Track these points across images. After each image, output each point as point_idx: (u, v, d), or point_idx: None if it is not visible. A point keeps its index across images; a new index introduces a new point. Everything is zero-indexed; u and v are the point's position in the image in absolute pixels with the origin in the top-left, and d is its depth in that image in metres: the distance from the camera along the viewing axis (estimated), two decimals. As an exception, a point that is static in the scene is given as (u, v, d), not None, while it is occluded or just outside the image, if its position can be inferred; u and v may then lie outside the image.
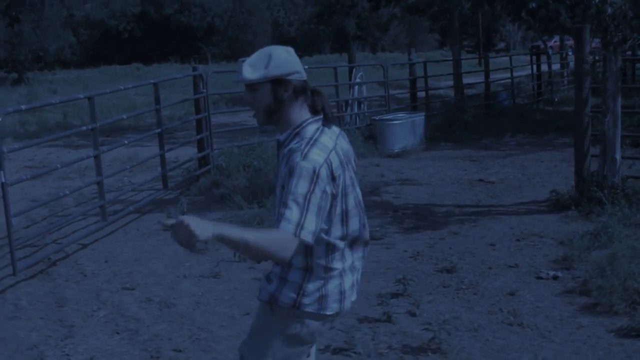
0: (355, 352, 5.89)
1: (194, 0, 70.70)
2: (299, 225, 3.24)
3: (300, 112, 3.53)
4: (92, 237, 9.89)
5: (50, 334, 6.73)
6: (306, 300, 3.49)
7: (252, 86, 3.46)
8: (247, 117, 21.40)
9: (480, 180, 12.98)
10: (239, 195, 11.12)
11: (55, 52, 55.19)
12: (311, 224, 3.27)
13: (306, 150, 3.35)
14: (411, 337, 6.18)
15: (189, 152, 14.91)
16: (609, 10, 9.21)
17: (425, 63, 21.14)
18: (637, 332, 6.09)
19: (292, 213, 3.23)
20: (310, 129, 3.49)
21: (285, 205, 3.25)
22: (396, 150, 15.89)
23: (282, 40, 61.70)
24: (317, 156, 3.34)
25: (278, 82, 3.43)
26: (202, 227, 3.03)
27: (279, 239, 3.22)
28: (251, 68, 3.43)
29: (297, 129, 3.50)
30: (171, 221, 3.08)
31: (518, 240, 9.08)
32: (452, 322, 6.17)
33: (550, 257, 8.33)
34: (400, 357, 5.82)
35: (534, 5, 17.02)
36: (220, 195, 11.77)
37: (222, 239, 3.13)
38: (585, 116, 10.49)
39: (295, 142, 3.45)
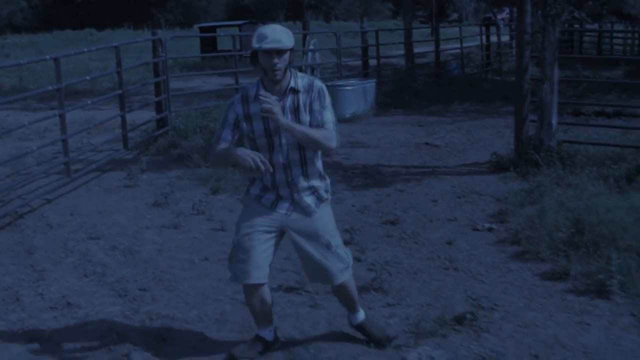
0: (305, 291, 6.50)
1: (149, -34, 70.34)
2: (335, 125, 4.85)
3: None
4: (56, 193, 10.38)
5: (23, 277, 7.23)
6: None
7: (282, 52, 4.66)
8: (201, 82, 21.88)
9: (427, 143, 13.63)
10: (197, 155, 11.65)
11: (7, 17, 54.72)
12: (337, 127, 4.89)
13: (315, 79, 4.92)
14: (356, 279, 6.72)
15: (146, 115, 15.37)
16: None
17: (377, 32, 21.69)
18: (559, 275, 6.77)
19: (331, 119, 4.83)
20: (299, 73, 4.91)
21: (323, 115, 4.79)
22: (347, 115, 16.46)
23: (236, 7, 61.63)
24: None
25: (292, 50, 4.75)
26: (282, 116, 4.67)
27: (328, 134, 4.77)
28: (287, 38, 4.68)
29: (294, 76, 4.85)
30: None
31: (459, 197, 9.74)
32: (394, 265, 6.80)
33: (487, 212, 9.01)
34: (346, 295, 6.43)
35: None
36: (178, 155, 12.31)
37: (291, 129, 4.67)
38: (525, 83, 11.15)
39: (302, 79, 4.86)
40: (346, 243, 7.54)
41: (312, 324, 5.86)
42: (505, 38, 31.83)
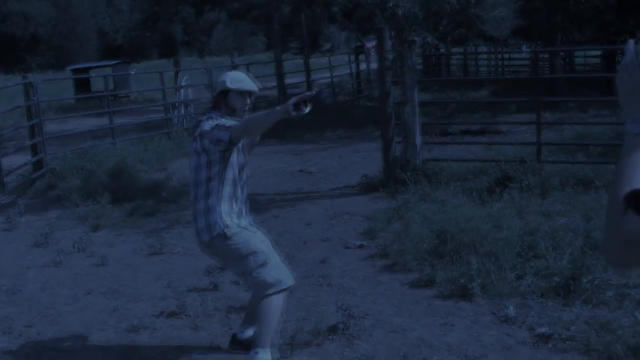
0: (186, 315, 6.79)
1: (16, 10, 69.18)
2: None
3: None
4: None
5: None
6: None
7: (252, 94, 5.36)
8: (76, 124, 21.83)
9: (301, 170, 14.07)
10: (75, 194, 11.78)
11: None
12: None
13: None
14: (235, 300, 7.12)
15: (21, 159, 15.32)
16: (400, 12, 10.44)
17: (248, 65, 22.12)
18: (425, 282, 7.25)
19: None
20: None
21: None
22: (223, 149, 16.71)
23: (109, 47, 61.24)
24: None
25: None
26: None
27: None
28: (257, 83, 5.38)
29: None
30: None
31: (331, 219, 10.17)
32: (270, 285, 7.14)
33: (358, 230, 9.47)
34: (226, 316, 6.76)
35: (336, 9, 18.08)
36: (56, 196, 12.40)
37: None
38: (388, 107, 11.72)
39: None
40: (224, 268, 7.92)
41: (194, 344, 6.14)
42: (374, 65, 32.69)
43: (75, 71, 39.73)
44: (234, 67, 21.63)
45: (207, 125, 5.18)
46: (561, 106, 20.61)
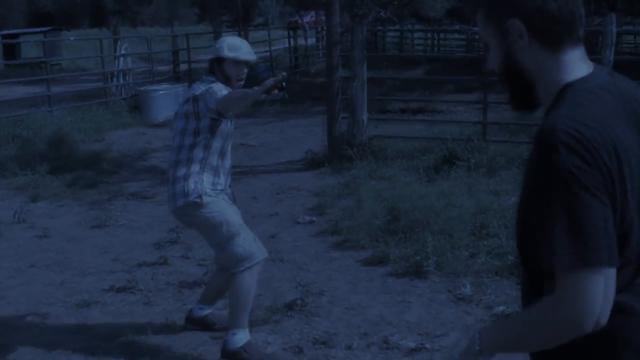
0: (137, 289, 6.59)
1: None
2: None
3: None
4: None
5: None
6: None
7: (249, 64, 5.24)
8: (6, 92, 21.23)
9: (242, 144, 13.87)
10: (13, 163, 11.42)
11: None
12: None
13: None
14: (187, 275, 6.96)
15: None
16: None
17: (187, 36, 21.76)
18: (378, 259, 7.18)
19: None
20: None
21: None
22: (161, 120, 16.47)
23: (38, 14, 59.78)
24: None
25: None
26: None
27: None
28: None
29: None
30: None
31: (278, 193, 10.05)
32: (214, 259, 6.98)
33: (306, 205, 9.36)
34: (178, 291, 6.59)
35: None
36: (-8, 164, 12.01)
37: None
38: (335, 81, 11.61)
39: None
40: (173, 242, 7.74)
41: (148, 320, 5.96)
42: (311, 40, 32.57)
43: (3, 37, 38.69)
44: (174, 37, 21.32)
45: (201, 87, 4.99)
46: (497, 87, 20.73)
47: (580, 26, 1.99)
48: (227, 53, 5.02)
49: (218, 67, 5.05)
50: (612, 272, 1.80)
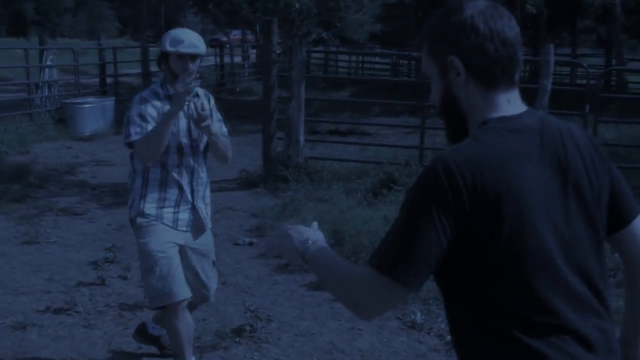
0: (76, 311, 6.28)
1: None
2: None
3: None
4: None
5: None
6: None
7: (196, 57, 4.62)
8: None
9: (173, 162, 13.59)
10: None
11: None
12: None
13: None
14: (126, 297, 6.68)
15: None
16: (297, 5, 10.18)
17: (115, 49, 21.37)
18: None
19: (225, 130, 5.05)
20: None
21: (222, 125, 5.00)
22: (87, 134, 16.09)
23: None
24: None
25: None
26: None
27: (229, 144, 4.97)
28: (201, 44, 4.63)
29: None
30: None
31: (214, 213, 9.76)
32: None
33: (244, 226, 9.16)
34: (119, 313, 6.30)
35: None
36: None
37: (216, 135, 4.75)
38: (272, 101, 11.46)
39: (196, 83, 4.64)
40: (109, 262, 7.45)
41: (89, 344, 5.68)
42: (237, 59, 32.34)
43: None
44: (101, 49, 20.89)
45: (134, 101, 4.70)
46: (425, 111, 20.86)
47: (516, 69, 2.10)
48: (168, 47, 4.59)
49: (164, 63, 4.68)
50: (402, 290, 1.97)
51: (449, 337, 5.81)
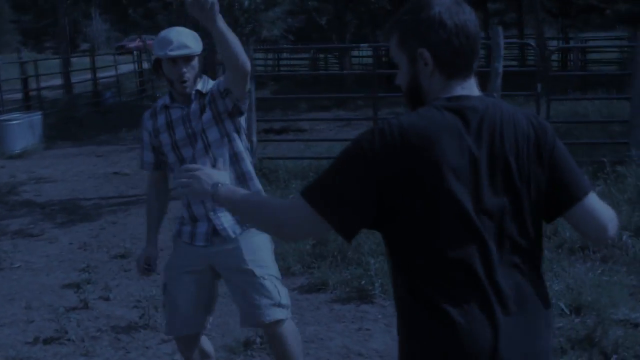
0: (67, 340, 5.89)
1: None
2: None
3: None
4: None
5: None
6: None
7: (190, 58, 4.04)
8: None
9: (115, 173, 13.20)
10: None
11: None
12: None
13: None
14: (116, 319, 6.33)
15: None
16: (246, 3, 9.87)
17: (36, 62, 20.70)
18: (315, 287, 6.81)
19: None
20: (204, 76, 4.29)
21: None
22: (18, 151, 15.53)
23: None
24: None
25: (201, 55, 4.12)
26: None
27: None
28: (195, 42, 4.04)
29: (204, 80, 4.22)
30: None
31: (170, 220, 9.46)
32: (156, 299, 6.38)
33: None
34: (115, 337, 5.96)
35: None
36: None
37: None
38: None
39: (208, 82, 4.21)
40: (87, 282, 7.05)
41: (94, 374, 5.35)
42: (146, 65, 31.63)
43: None
44: (22, 63, 20.19)
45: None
46: (351, 104, 20.87)
47: (475, 60, 2.33)
48: (157, 52, 4.08)
49: (160, 69, 4.17)
50: (326, 224, 2.23)
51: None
